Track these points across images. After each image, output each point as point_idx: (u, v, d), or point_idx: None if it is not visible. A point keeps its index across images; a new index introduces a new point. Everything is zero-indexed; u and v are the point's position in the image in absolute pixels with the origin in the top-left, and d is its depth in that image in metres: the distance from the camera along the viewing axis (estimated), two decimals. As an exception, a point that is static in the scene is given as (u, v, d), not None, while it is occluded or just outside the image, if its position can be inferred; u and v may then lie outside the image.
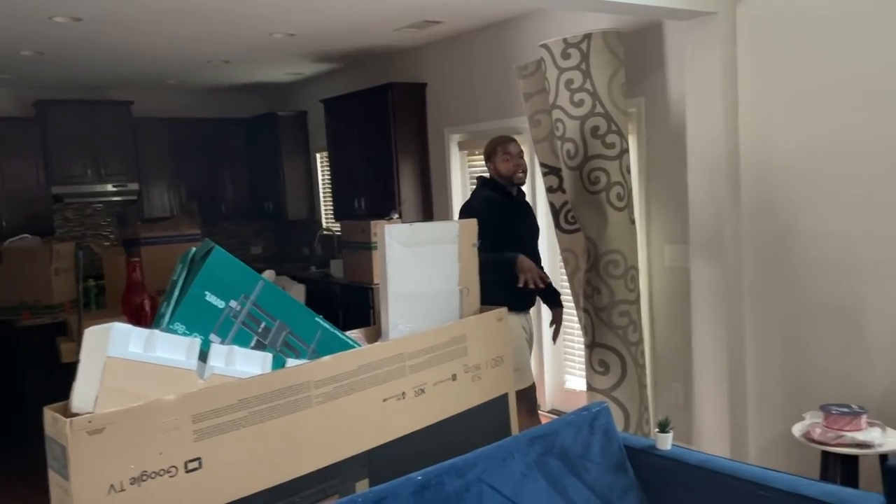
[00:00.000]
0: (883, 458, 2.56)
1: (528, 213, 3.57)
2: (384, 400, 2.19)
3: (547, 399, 4.69)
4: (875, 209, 2.98)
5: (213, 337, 1.89)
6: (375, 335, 2.47)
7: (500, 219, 3.31)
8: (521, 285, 3.19)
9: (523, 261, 3.22)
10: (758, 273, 3.41)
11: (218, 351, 1.81)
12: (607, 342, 3.65)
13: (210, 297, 1.89)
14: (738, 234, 3.42)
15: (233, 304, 1.93)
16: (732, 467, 2.13)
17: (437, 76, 5.43)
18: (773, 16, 3.23)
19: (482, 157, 3.61)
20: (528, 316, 3.49)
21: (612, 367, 3.65)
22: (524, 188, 3.59)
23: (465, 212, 3.34)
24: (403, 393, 2.37)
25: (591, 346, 3.72)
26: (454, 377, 2.65)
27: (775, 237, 3.32)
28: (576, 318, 4.10)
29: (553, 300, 3.67)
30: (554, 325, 3.66)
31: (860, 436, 2.67)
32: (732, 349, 3.44)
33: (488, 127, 4.89)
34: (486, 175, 3.53)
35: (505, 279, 3.16)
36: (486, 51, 4.90)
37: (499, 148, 3.41)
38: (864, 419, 2.74)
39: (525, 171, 3.44)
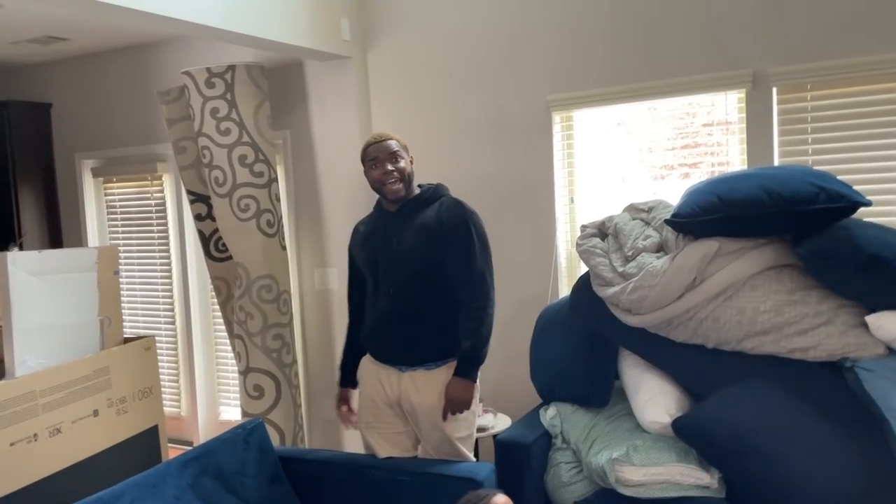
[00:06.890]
0: (496, 436, 3.07)
1: (400, 227, 2.51)
2: (12, 444, 1.98)
3: (201, 433, 4.56)
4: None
5: None
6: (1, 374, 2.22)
7: (354, 252, 2.64)
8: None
9: (339, 393, 2.73)
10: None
11: None
12: (262, 366, 3.72)
13: None
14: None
15: None
16: (371, 461, 2.38)
17: (66, 97, 4.98)
18: (398, 63, 3.70)
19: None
20: (396, 370, 2.49)
21: (268, 391, 3.73)
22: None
23: None
24: (35, 434, 2.16)
25: (246, 371, 3.75)
26: (96, 413, 2.49)
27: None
28: (229, 348, 4.09)
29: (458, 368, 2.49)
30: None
31: (479, 421, 3.16)
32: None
33: (128, 153, 4.64)
34: None
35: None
36: (124, 73, 4.65)
37: (367, 151, 2.52)
38: (481, 407, 3.24)
39: (397, 179, 2.47)
